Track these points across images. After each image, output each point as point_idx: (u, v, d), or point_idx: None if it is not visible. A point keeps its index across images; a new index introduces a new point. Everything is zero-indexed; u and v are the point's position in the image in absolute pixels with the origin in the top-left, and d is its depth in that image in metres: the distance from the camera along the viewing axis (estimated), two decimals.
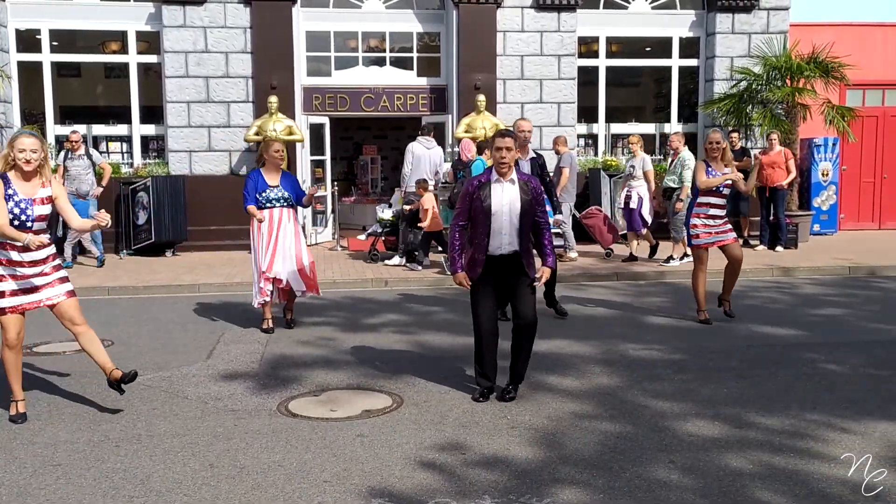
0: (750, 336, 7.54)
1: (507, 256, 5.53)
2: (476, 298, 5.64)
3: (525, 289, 5.56)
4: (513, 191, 5.48)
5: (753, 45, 14.60)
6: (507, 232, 5.49)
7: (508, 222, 5.47)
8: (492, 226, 5.47)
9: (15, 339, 5.24)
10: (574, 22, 14.40)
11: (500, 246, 5.50)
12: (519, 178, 5.53)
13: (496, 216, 5.45)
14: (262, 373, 6.42)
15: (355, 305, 9.27)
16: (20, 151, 5.09)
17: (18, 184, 5.15)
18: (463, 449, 4.73)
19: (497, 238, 5.49)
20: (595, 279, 10.79)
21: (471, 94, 13.76)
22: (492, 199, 5.45)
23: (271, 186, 7.71)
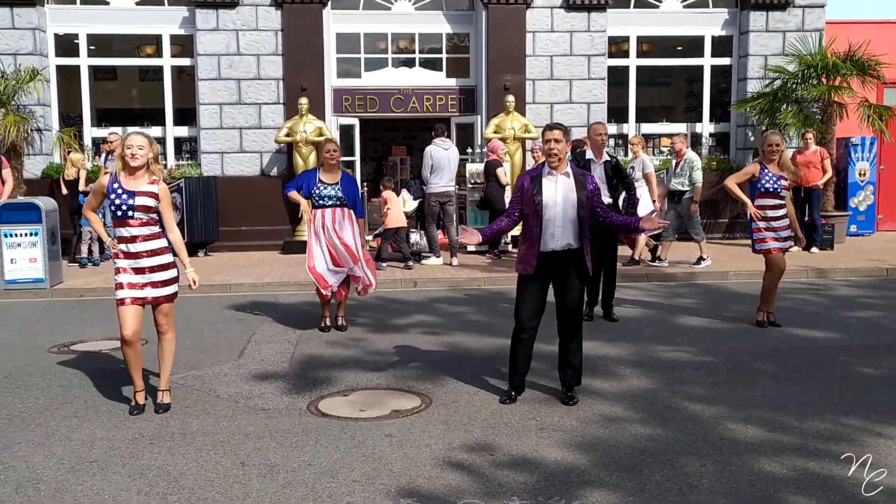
0: (784, 338, 7.45)
1: (560, 253, 5.45)
2: (523, 293, 5.55)
3: (574, 282, 5.51)
4: (567, 184, 5.42)
5: (788, 43, 14.42)
6: (561, 226, 5.40)
7: (562, 216, 5.39)
8: (544, 220, 5.40)
9: (131, 334, 5.37)
10: (604, 22, 14.33)
11: (553, 240, 5.42)
12: (574, 172, 5.49)
13: (548, 209, 5.38)
14: (292, 372, 6.47)
15: (384, 306, 9.30)
16: (127, 148, 5.32)
17: (125, 179, 5.37)
18: (492, 450, 4.73)
19: (549, 233, 5.40)
20: (625, 280, 10.72)
21: (500, 95, 13.76)
22: (543, 193, 5.40)
23: (326, 184, 7.76)
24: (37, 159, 13.56)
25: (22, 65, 13.26)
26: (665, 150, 15.07)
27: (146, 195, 5.35)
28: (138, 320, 5.42)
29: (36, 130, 13.49)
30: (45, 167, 13.56)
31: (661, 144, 15.25)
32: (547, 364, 6.16)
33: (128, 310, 5.38)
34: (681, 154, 11.61)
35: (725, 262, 11.87)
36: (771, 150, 7.70)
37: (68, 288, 10.42)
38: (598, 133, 8.02)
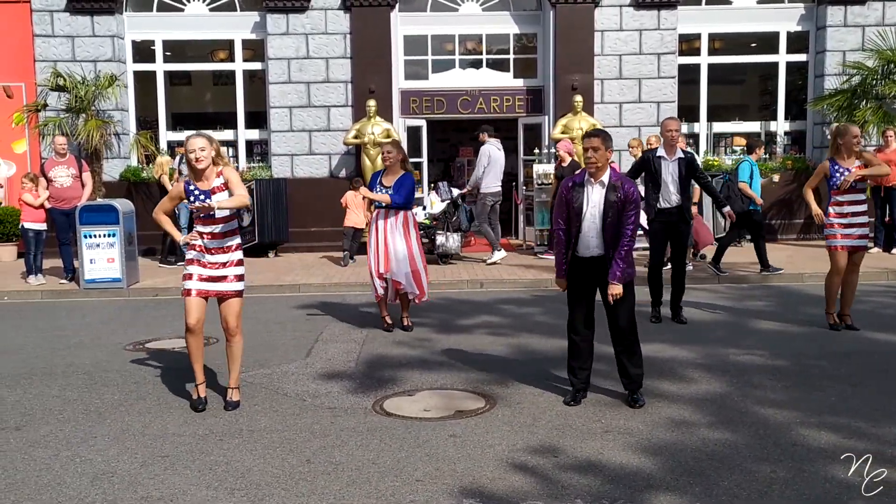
0: (860, 342, 7.21)
1: (594, 259, 5.46)
2: (570, 300, 5.64)
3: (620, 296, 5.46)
4: (600, 193, 5.42)
5: (867, 37, 13.94)
6: (595, 234, 5.42)
7: (594, 224, 5.42)
8: (582, 227, 5.43)
9: (194, 323, 5.53)
10: (674, 19, 14.09)
11: (587, 248, 5.45)
12: (611, 180, 5.44)
13: (584, 218, 5.42)
14: (358, 372, 6.54)
15: (450, 307, 9.33)
16: (190, 152, 5.42)
17: (197, 182, 5.51)
18: (555, 452, 4.70)
19: (585, 240, 5.44)
20: (695, 282, 10.52)
21: (568, 95, 13.66)
22: (582, 200, 5.43)
23: (384, 187, 7.84)
24: (115, 163, 14.03)
25: (101, 71, 13.74)
26: (738, 149, 14.74)
27: (220, 190, 5.46)
28: (202, 310, 5.56)
29: (114, 135, 13.96)
30: (123, 170, 14.02)
31: (734, 144, 14.92)
32: (613, 367, 6.08)
33: (192, 301, 5.52)
34: None
35: (801, 263, 11.55)
36: (857, 140, 7.45)
37: (144, 287, 10.75)
38: (668, 129, 7.92)
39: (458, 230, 12.32)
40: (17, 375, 6.56)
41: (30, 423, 5.37)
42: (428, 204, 12.55)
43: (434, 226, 12.23)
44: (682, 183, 7.93)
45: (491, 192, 12.06)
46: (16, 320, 9.03)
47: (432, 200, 12.54)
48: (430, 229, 12.17)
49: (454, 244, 12.14)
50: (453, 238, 12.14)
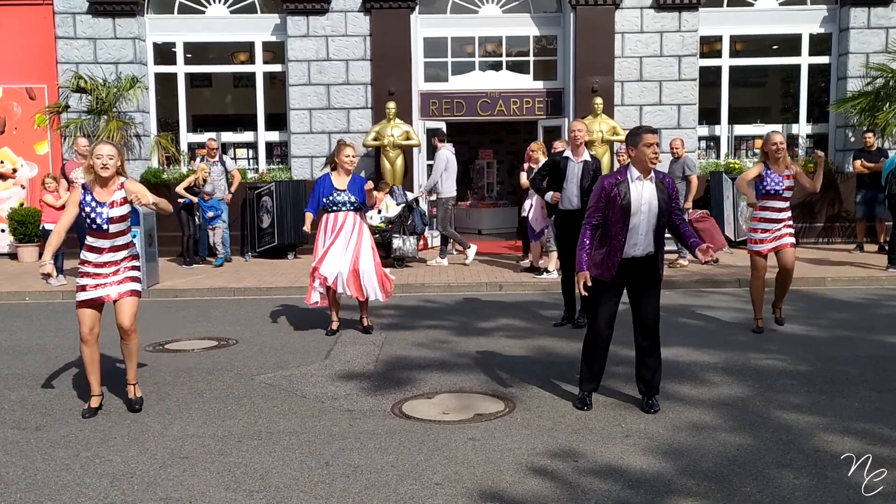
0: (883, 347, 7.12)
1: (640, 259, 5.39)
2: (600, 299, 5.46)
3: (653, 291, 5.43)
4: (651, 189, 5.32)
5: (891, 39, 13.81)
6: (644, 232, 5.33)
7: (646, 222, 5.31)
8: (629, 225, 5.31)
9: (87, 333, 5.52)
10: (696, 21, 14.01)
11: (636, 246, 5.35)
12: (656, 177, 5.40)
13: (635, 215, 5.30)
14: (377, 374, 6.54)
15: (470, 309, 9.31)
16: (98, 157, 5.40)
17: (97, 191, 5.48)
18: (575, 456, 4.67)
19: (634, 238, 5.33)
20: (716, 285, 10.45)
21: (588, 97, 13.61)
22: (631, 196, 5.30)
23: (338, 190, 7.80)
24: (136, 164, 14.14)
25: (123, 73, 13.85)
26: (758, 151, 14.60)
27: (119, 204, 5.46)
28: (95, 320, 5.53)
29: (135, 136, 14.07)
30: (144, 171, 14.12)
31: (755, 146, 14.80)
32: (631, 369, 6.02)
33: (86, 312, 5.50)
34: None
35: (823, 267, 11.43)
36: (776, 148, 7.53)
37: (164, 289, 10.81)
38: (572, 131, 7.96)
39: (413, 233, 12.37)
40: (39, 376, 6.60)
41: (50, 424, 5.40)
42: (383, 207, 12.55)
43: (390, 229, 12.26)
44: (583, 186, 7.81)
45: (450, 196, 12.30)
46: (38, 321, 9.11)
47: (388, 204, 12.58)
48: (386, 233, 12.23)
49: (411, 247, 12.22)
50: (409, 241, 12.21)
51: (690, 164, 11.71)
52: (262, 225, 13.49)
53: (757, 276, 7.87)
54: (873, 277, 10.64)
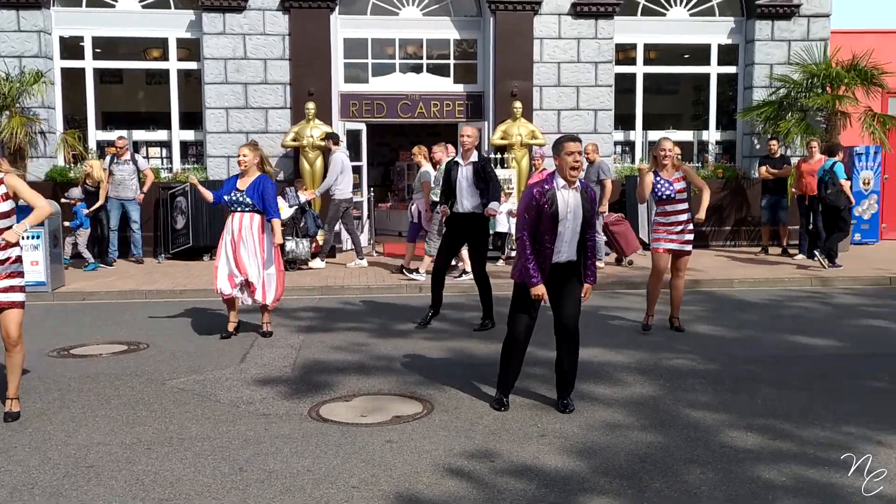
0: (786, 347, 7.42)
1: (563, 265, 5.48)
2: (523, 305, 5.52)
3: (574, 291, 5.52)
4: (576, 197, 5.42)
5: (793, 52, 14.40)
6: (569, 240, 5.43)
7: (571, 230, 5.42)
8: (559, 232, 5.39)
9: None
10: (611, 29, 14.33)
11: (560, 254, 5.44)
12: (580, 185, 5.49)
13: (562, 223, 5.38)
14: (294, 377, 6.46)
15: (390, 311, 9.29)
16: None
17: None
18: (492, 456, 4.71)
19: (559, 246, 5.42)
20: (630, 287, 10.70)
21: (507, 101, 13.76)
22: (559, 204, 5.36)
23: (238, 190, 7.71)
24: (41, 162, 13.60)
25: (27, 67, 13.31)
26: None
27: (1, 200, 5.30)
28: None
29: (40, 133, 13.54)
30: (49, 170, 13.59)
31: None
32: (550, 370, 6.12)
33: None
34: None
35: (731, 269, 11.83)
36: (664, 154, 7.80)
37: (70, 291, 10.43)
38: (461, 136, 8.13)
39: (305, 235, 12.27)
40: None
41: None
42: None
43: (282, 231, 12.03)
44: (476, 187, 7.99)
45: (345, 198, 12.26)
46: None
47: (280, 206, 12.39)
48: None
49: (304, 250, 12.08)
50: (303, 244, 12.10)
51: (605, 169, 11.98)
52: (176, 226, 13.16)
53: (656, 275, 8.07)
54: (777, 279, 11.07)
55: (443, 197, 8.39)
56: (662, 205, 7.92)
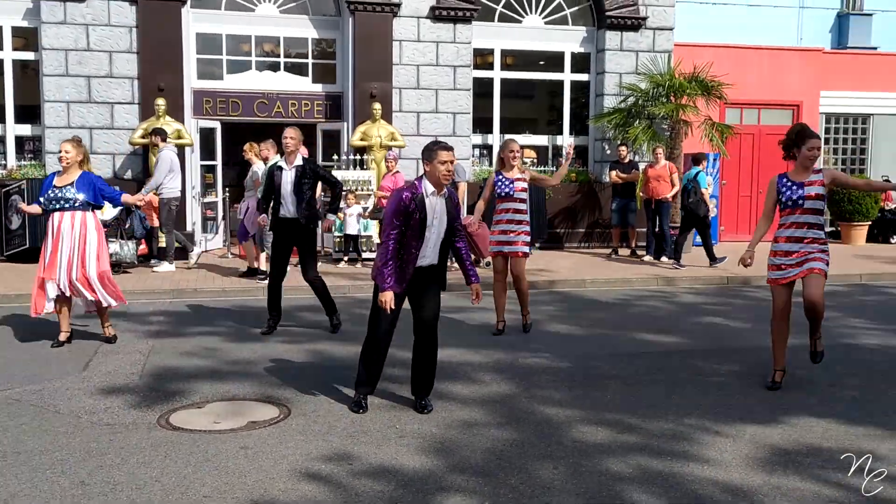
0: (634, 344, 7.77)
1: (426, 269, 5.51)
2: (382, 309, 5.49)
3: (434, 293, 5.56)
4: (442, 203, 5.48)
5: (640, 62, 15.13)
6: (434, 245, 5.49)
7: (437, 235, 5.48)
8: (425, 238, 5.43)
9: None
10: (469, 34, 14.57)
11: (424, 258, 5.48)
12: (446, 192, 5.54)
13: (429, 228, 5.42)
14: (142, 385, 6.18)
15: (244, 314, 9.05)
16: None
17: None
18: (350, 459, 4.68)
19: (424, 251, 5.46)
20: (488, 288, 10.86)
21: (367, 102, 13.72)
22: (426, 210, 5.40)
23: (56, 187, 7.24)
24: None
25: None
26: (528, 160, 15.46)
27: None
28: None
29: None
30: None
31: (525, 156, 15.62)
32: (409, 371, 6.14)
33: None
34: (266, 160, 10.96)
35: (584, 270, 12.28)
36: (513, 155, 7.94)
37: None
38: (284, 137, 7.84)
39: (131, 237, 11.77)
40: None
41: None
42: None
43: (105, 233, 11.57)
44: (298, 192, 7.84)
45: (175, 197, 11.77)
46: None
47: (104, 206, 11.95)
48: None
49: (129, 252, 11.54)
50: (128, 246, 11.56)
51: (460, 171, 12.11)
52: (10, 226, 12.31)
53: (496, 278, 8.19)
54: (626, 279, 11.59)
55: (264, 202, 8.12)
56: (500, 202, 8.01)
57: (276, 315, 8.11)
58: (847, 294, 10.74)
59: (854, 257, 13.94)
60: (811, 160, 5.98)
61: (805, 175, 6.00)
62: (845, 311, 9.52)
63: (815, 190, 5.94)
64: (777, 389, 6.10)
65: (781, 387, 6.12)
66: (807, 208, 5.94)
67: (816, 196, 5.93)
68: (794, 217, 5.98)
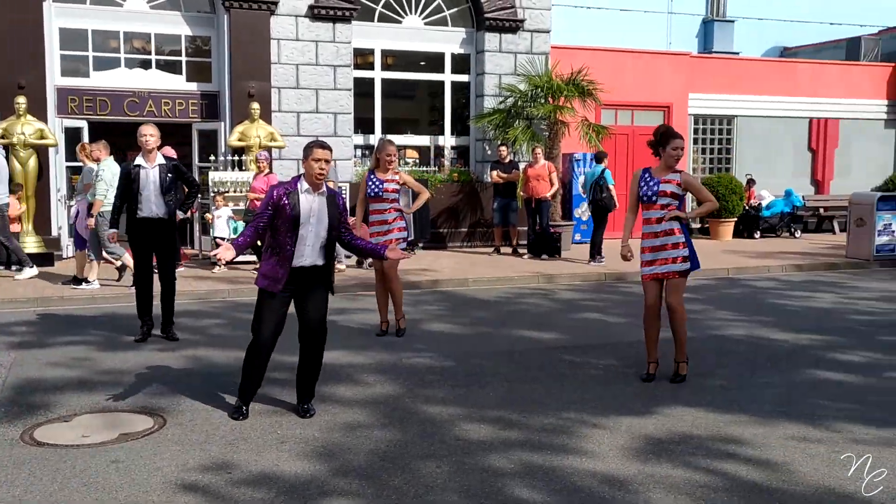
0: (516, 341, 7.90)
1: (308, 269, 5.40)
2: (266, 310, 5.41)
3: (320, 295, 5.47)
4: (322, 202, 5.38)
5: (519, 63, 15.42)
6: (312, 244, 5.37)
7: (314, 234, 5.36)
8: (298, 236, 5.32)
9: None
10: (349, 33, 14.47)
11: (303, 257, 5.36)
12: (328, 192, 5.45)
13: (303, 226, 5.31)
14: (3, 399, 5.82)
15: (118, 322, 8.66)
16: None
17: None
18: (229, 468, 4.55)
19: (301, 249, 5.34)
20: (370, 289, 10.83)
21: (244, 102, 13.43)
22: (301, 207, 5.30)
23: None
24: None
25: None
26: (410, 161, 15.51)
27: None
28: None
29: None
30: None
31: (407, 156, 15.66)
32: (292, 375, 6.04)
33: None
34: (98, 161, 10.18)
35: (466, 269, 12.41)
36: (389, 158, 7.94)
37: None
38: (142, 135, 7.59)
39: None
40: None
41: None
42: None
43: None
44: (167, 190, 7.62)
45: (4, 203, 10.84)
46: None
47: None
48: None
49: None
50: None
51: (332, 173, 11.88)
52: None
53: (377, 279, 8.12)
54: (508, 277, 11.78)
55: (118, 201, 7.73)
56: (371, 202, 7.98)
57: (148, 321, 7.81)
58: (715, 287, 11.28)
59: (721, 252, 14.66)
60: (675, 159, 6.27)
61: (665, 173, 6.29)
62: (714, 303, 9.99)
63: (670, 188, 6.23)
64: (651, 381, 6.34)
65: (655, 378, 6.37)
66: (661, 204, 6.23)
67: (671, 194, 6.23)
68: (652, 212, 6.27)
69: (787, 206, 17.70)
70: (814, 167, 18.99)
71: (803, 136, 18.89)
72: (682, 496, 4.20)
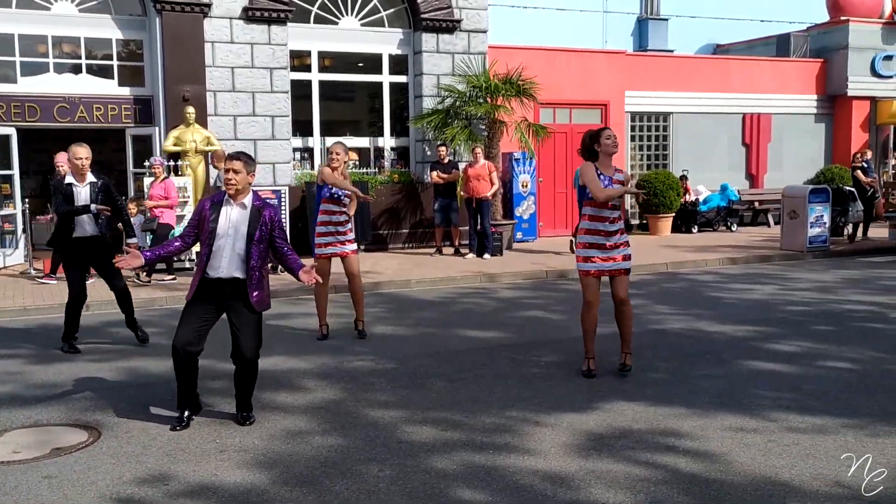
0: (458, 341, 7.90)
1: (225, 281, 5.32)
2: (182, 316, 5.42)
3: (246, 320, 5.34)
4: (242, 215, 5.32)
5: (457, 64, 15.43)
6: (227, 256, 5.29)
7: (231, 247, 5.29)
8: (213, 247, 5.29)
9: None
10: (285, 35, 14.31)
11: (218, 269, 5.30)
12: (252, 204, 5.36)
13: (220, 238, 5.28)
14: None
15: (50, 334, 8.40)
16: None
17: None
18: (166, 479, 4.46)
19: (216, 261, 5.29)
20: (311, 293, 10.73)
21: (179, 106, 13.17)
22: (220, 220, 5.29)
23: None
24: None
25: None
26: (351, 162, 15.41)
27: None
28: None
29: None
30: None
31: (349, 158, 15.54)
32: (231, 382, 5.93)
33: None
34: None
35: (408, 270, 12.38)
36: (332, 158, 7.99)
37: None
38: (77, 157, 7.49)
39: None
40: None
41: None
42: None
43: None
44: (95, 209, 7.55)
45: None
46: None
47: None
48: None
49: None
50: None
51: None
52: None
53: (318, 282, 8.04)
54: (450, 277, 11.79)
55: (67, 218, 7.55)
56: (325, 203, 7.94)
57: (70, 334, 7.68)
58: (654, 282, 11.46)
59: (660, 247, 14.90)
60: (613, 146, 6.33)
61: (611, 170, 6.36)
62: (653, 298, 10.14)
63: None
64: (593, 377, 6.39)
65: (597, 374, 6.43)
66: (614, 204, 6.31)
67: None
68: (606, 212, 6.31)
69: (723, 201, 18.09)
70: (748, 162, 19.43)
71: (737, 131, 19.31)
72: (623, 490, 4.24)
